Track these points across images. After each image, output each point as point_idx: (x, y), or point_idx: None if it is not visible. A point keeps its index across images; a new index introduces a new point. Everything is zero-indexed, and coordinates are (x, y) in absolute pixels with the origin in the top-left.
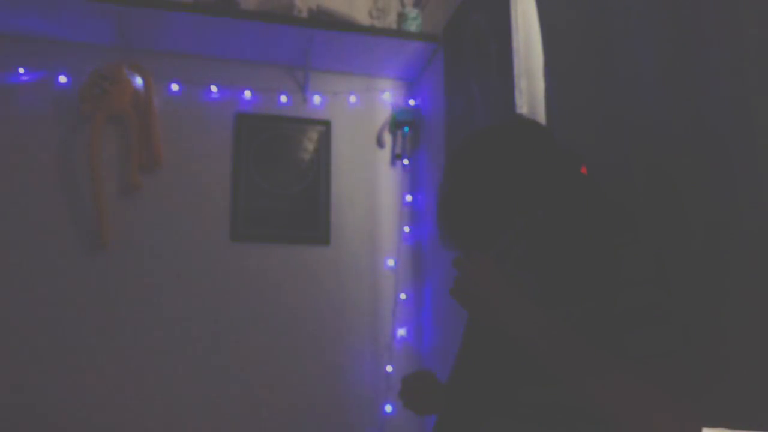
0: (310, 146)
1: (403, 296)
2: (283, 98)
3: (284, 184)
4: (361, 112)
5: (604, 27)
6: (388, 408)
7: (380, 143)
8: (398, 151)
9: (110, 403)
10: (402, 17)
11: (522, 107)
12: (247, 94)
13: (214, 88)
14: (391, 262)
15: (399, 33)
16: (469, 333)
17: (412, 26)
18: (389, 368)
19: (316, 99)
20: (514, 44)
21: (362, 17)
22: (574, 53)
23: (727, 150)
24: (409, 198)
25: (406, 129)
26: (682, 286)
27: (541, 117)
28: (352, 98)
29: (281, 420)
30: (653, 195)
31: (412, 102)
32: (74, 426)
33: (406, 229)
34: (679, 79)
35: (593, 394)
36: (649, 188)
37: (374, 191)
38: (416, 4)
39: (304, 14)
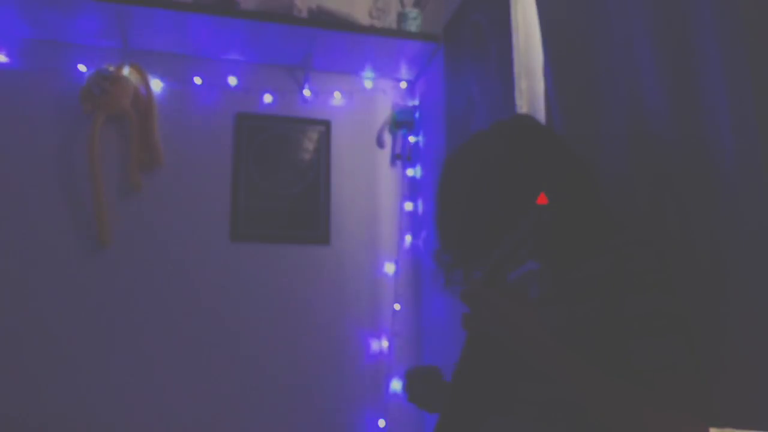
0: (310, 146)
1: (401, 299)
2: (283, 98)
3: (284, 184)
4: (361, 112)
5: (604, 27)
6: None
7: (380, 143)
8: (398, 151)
9: (110, 402)
10: (402, 17)
11: (522, 107)
12: (248, 94)
13: (214, 88)
14: (390, 265)
15: (399, 33)
16: (471, 336)
17: (412, 26)
18: (388, 368)
19: (316, 99)
20: (514, 44)
21: (362, 17)
22: (574, 53)
23: (728, 150)
24: (409, 205)
25: (406, 129)
26: (682, 286)
27: (541, 117)
28: (352, 98)
29: (280, 418)
30: (653, 195)
31: (412, 102)
32: (75, 425)
33: (408, 238)
34: (680, 79)
35: (605, 417)
36: (649, 188)
37: (374, 191)
38: (416, 4)
39: (304, 14)
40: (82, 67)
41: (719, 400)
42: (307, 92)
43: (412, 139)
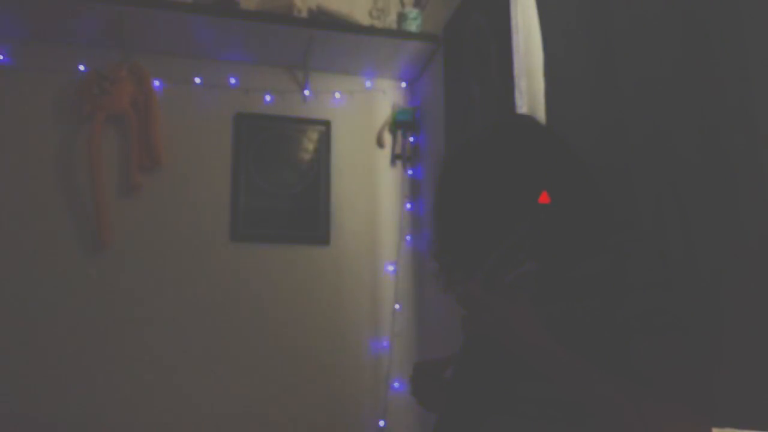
0: (310, 146)
1: (402, 297)
2: (283, 98)
3: (284, 184)
4: (361, 112)
5: (604, 27)
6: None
7: (380, 143)
8: (398, 151)
9: (110, 403)
10: (402, 17)
11: (522, 107)
12: (248, 94)
13: (214, 88)
14: (390, 265)
15: (399, 33)
16: (470, 336)
17: (412, 26)
18: (388, 368)
19: (316, 99)
20: (514, 44)
21: (362, 17)
22: (574, 53)
23: (728, 150)
24: (409, 205)
25: (405, 130)
26: (682, 285)
27: (541, 117)
28: (352, 98)
29: (280, 419)
30: (653, 195)
31: (412, 102)
32: (74, 426)
33: (408, 238)
34: (680, 79)
35: (606, 417)
36: (649, 187)
37: (374, 191)
38: (416, 4)
39: (304, 14)
40: (82, 67)
41: (719, 400)
42: (307, 92)
43: (411, 139)
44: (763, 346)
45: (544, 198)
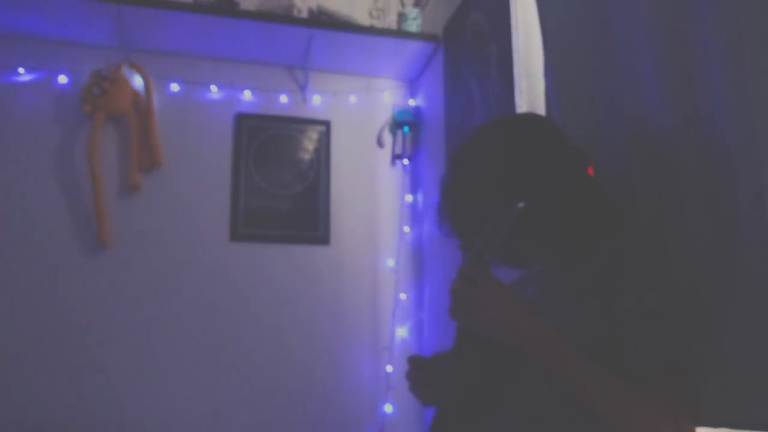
0: (310, 146)
1: (403, 296)
2: (283, 98)
3: (284, 184)
4: (361, 112)
5: (604, 26)
6: (388, 408)
7: (380, 143)
8: (398, 151)
9: (110, 403)
10: (402, 17)
11: (522, 107)
12: (247, 94)
13: (214, 88)
14: (391, 262)
15: (399, 33)
16: (461, 332)
17: (412, 26)
18: (389, 368)
19: (316, 99)
20: (514, 44)
21: (362, 17)
22: (574, 53)
23: (727, 149)
24: (409, 198)
25: (406, 129)
26: (681, 285)
27: None
28: (352, 98)
29: (281, 419)
30: (653, 195)
31: (412, 102)
32: (74, 426)
33: (406, 229)
34: (680, 78)
35: (599, 413)
36: (649, 188)
37: (374, 191)
38: (416, 4)
39: (304, 14)
40: (81, 68)
41: (718, 400)
42: (307, 92)
43: (412, 139)
44: (760, 347)
45: (591, 170)
